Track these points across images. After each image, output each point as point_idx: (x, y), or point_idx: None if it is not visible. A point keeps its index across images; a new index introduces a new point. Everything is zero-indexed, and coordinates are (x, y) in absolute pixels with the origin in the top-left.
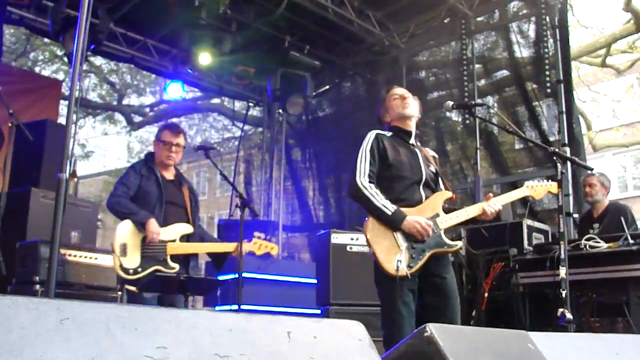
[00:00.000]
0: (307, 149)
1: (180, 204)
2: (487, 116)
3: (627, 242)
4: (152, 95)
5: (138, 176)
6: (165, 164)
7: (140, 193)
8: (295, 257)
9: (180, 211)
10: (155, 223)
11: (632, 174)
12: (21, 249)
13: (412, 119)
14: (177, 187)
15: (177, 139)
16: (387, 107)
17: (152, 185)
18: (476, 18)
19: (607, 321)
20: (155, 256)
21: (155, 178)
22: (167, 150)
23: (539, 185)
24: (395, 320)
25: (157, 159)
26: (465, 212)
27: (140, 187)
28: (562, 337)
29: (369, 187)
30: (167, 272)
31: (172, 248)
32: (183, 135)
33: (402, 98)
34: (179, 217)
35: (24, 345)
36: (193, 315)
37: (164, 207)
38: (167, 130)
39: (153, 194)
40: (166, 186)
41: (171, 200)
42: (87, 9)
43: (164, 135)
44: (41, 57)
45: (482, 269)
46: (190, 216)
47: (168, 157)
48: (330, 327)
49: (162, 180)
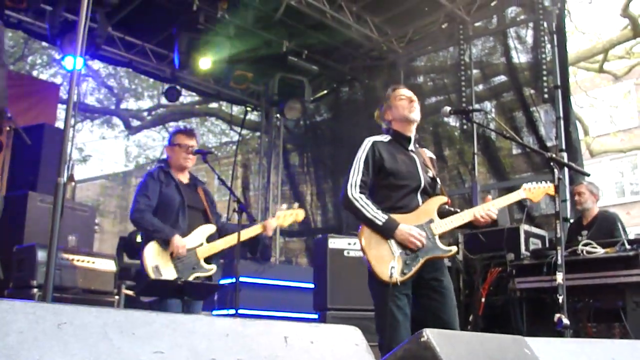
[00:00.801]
0: (305, 153)
1: (199, 207)
2: (485, 121)
3: (624, 248)
4: (150, 100)
5: (157, 182)
6: (183, 166)
7: (162, 200)
8: (293, 261)
9: (199, 214)
10: (179, 238)
11: (629, 180)
12: (18, 252)
13: (414, 124)
14: (194, 190)
15: (192, 141)
16: (392, 105)
17: (173, 190)
18: (474, 23)
19: (604, 326)
20: (190, 264)
21: (175, 184)
22: (185, 153)
23: (536, 187)
24: (390, 325)
25: (173, 163)
26: (461, 217)
27: (162, 194)
28: (559, 342)
29: (360, 199)
30: (205, 275)
31: (203, 252)
32: (195, 138)
33: (409, 100)
34: (199, 220)
35: (22, 350)
36: (190, 320)
37: (187, 212)
38: (181, 134)
39: (174, 200)
40: (185, 191)
41: (191, 204)
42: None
43: (179, 139)
44: (39, 61)
45: (479, 274)
46: (210, 216)
47: (186, 160)
48: (327, 332)
49: (180, 185)
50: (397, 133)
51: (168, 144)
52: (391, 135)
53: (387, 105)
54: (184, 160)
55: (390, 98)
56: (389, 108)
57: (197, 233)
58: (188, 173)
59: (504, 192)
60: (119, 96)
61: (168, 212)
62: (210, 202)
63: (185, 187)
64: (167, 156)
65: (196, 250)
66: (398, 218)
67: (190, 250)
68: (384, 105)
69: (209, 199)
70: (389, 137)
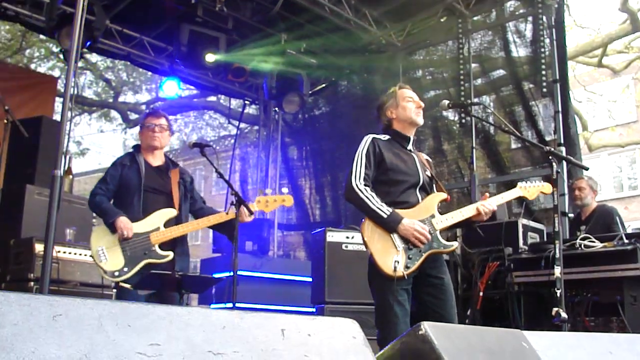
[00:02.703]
0: (304, 147)
1: (162, 190)
2: (484, 115)
3: (622, 242)
4: (148, 93)
5: (118, 168)
6: (152, 145)
7: (122, 184)
8: (291, 255)
9: (162, 197)
10: (125, 219)
11: (628, 174)
12: (16, 245)
13: (416, 127)
14: (164, 173)
15: (159, 120)
16: (398, 104)
17: (133, 173)
18: (473, 17)
19: (602, 320)
20: (141, 250)
21: (137, 166)
22: (151, 132)
23: (531, 186)
24: (390, 319)
25: (143, 145)
26: (460, 212)
27: (122, 178)
28: (557, 336)
29: (365, 190)
30: (160, 262)
31: (158, 237)
32: (165, 118)
33: (418, 105)
34: (160, 203)
35: (16, 342)
36: (186, 312)
37: (142, 195)
38: (148, 116)
39: (133, 182)
40: (148, 173)
41: (152, 187)
42: (82, 5)
43: (146, 121)
44: (37, 54)
45: (477, 268)
46: (175, 201)
47: (152, 138)
48: (325, 325)
49: (145, 167)
50: (397, 133)
51: (140, 128)
52: (390, 135)
53: (392, 102)
54: (151, 139)
55: (397, 96)
56: (394, 106)
57: (153, 217)
58: (164, 156)
59: (503, 186)
60: (117, 89)
61: (125, 194)
62: (182, 185)
63: (150, 169)
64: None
65: (150, 235)
66: (401, 213)
67: (142, 235)
68: (388, 101)
69: (183, 181)
70: (388, 137)
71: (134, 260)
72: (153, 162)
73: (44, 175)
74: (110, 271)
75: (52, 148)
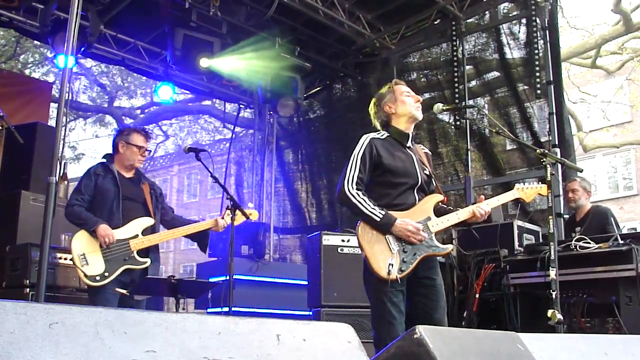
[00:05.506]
0: (299, 150)
1: (138, 199)
2: (478, 117)
3: (617, 243)
4: (142, 98)
5: (92, 177)
6: (135, 167)
7: (98, 193)
8: (287, 259)
9: (139, 206)
10: (106, 227)
11: (622, 175)
12: (11, 252)
13: (415, 122)
14: (136, 184)
15: (147, 144)
16: (397, 98)
17: (109, 182)
18: (467, 19)
19: (597, 321)
20: (121, 256)
21: (112, 176)
22: (141, 155)
23: (528, 187)
24: (385, 321)
25: (123, 160)
26: (456, 215)
27: (97, 187)
28: (552, 337)
29: (357, 195)
30: (138, 268)
31: (137, 244)
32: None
33: (416, 99)
34: (137, 211)
35: (13, 350)
36: (182, 318)
37: (121, 203)
38: (139, 135)
39: (110, 191)
40: (123, 183)
41: (129, 196)
42: (76, 11)
43: (136, 139)
44: (31, 59)
45: (473, 270)
46: (151, 210)
47: (139, 161)
48: (319, 330)
49: (119, 177)
50: (396, 129)
51: (122, 140)
52: (388, 132)
53: (390, 97)
54: (137, 161)
55: (395, 91)
56: (392, 101)
57: (132, 225)
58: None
59: (499, 187)
60: (111, 94)
61: (103, 203)
62: (154, 197)
63: (125, 179)
64: (113, 151)
65: (129, 241)
66: (396, 215)
67: (122, 242)
68: (386, 97)
69: (154, 193)
70: (386, 134)
71: (114, 265)
72: (126, 174)
73: (39, 181)
74: (92, 276)
75: (47, 154)
